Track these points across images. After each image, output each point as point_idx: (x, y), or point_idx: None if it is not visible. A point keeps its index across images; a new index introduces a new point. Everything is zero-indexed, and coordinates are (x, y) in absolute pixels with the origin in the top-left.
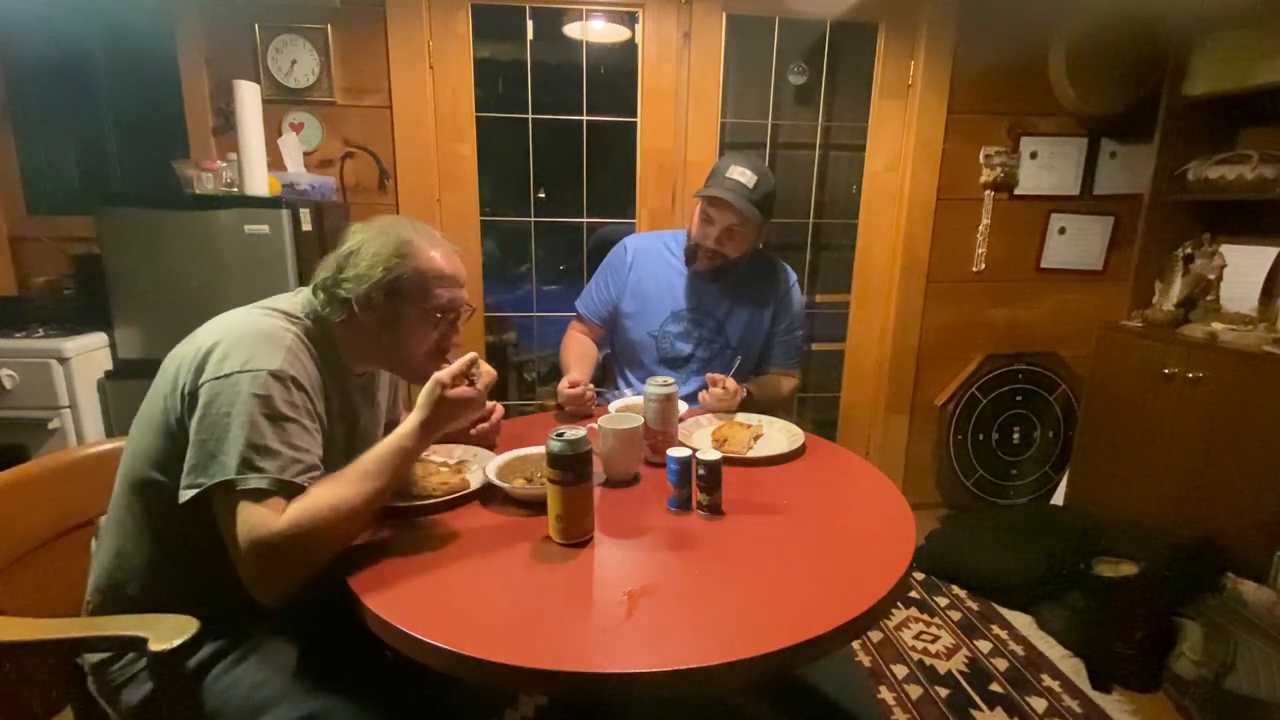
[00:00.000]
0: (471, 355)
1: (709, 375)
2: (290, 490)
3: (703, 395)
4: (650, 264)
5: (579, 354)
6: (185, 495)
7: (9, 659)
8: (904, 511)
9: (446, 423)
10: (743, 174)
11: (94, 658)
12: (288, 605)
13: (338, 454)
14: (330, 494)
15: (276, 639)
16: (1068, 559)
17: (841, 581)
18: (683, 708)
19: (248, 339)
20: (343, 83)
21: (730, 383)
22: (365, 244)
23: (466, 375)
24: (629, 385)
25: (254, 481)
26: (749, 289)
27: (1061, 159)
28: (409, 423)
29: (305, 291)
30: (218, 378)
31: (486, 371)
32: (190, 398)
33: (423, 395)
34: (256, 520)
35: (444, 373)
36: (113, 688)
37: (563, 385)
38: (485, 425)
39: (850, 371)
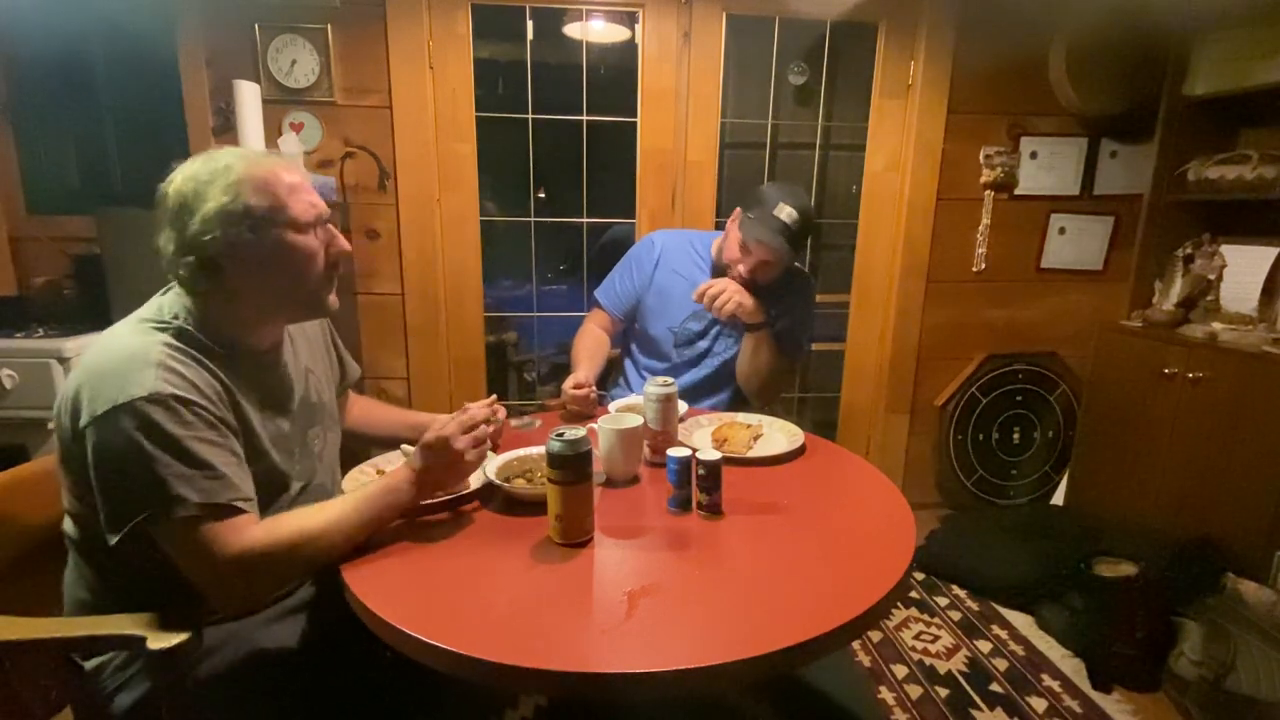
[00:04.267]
0: (482, 411)
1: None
2: (219, 511)
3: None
4: (678, 261)
5: (589, 353)
6: (112, 539)
7: (9, 659)
8: (904, 511)
9: (443, 473)
10: (791, 216)
11: (86, 664)
12: (285, 604)
13: (279, 438)
14: (306, 521)
15: (274, 638)
16: (1068, 559)
17: (841, 581)
18: (683, 708)
19: (112, 369)
20: (343, 83)
21: (716, 284)
22: (192, 191)
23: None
24: (638, 372)
25: (180, 510)
26: (769, 294)
27: (1061, 159)
28: (403, 471)
29: (173, 290)
30: (95, 419)
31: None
32: (77, 443)
33: (421, 443)
34: (200, 545)
35: (449, 421)
36: (105, 695)
37: (568, 384)
38: (488, 428)
39: (850, 371)
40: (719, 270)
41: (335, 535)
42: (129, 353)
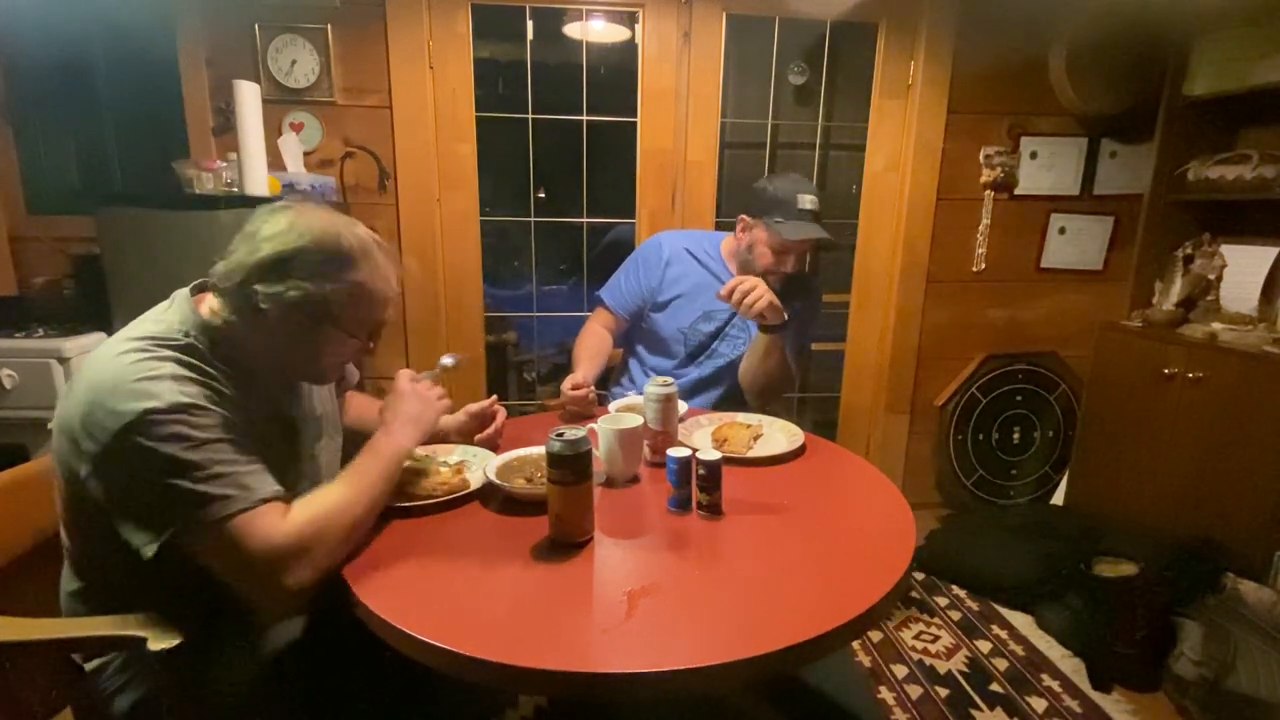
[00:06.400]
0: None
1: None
2: (257, 506)
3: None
4: (688, 263)
5: (591, 353)
6: (149, 551)
7: (9, 659)
8: (904, 511)
9: (408, 409)
10: (813, 202)
11: (87, 665)
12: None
13: (281, 455)
14: (327, 496)
15: (274, 639)
16: (1068, 559)
17: (841, 581)
18: (683, 708)
19: (125, 386)
20: (343, 83)
21: (747, 281)
22: (295, 255)
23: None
24: (644, 371)
25: (221, 510)
26: (783, 293)
27: (1061, 159)
28: (383, 429)
29: (181, 297)
30: (116, 436)
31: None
32: (90, 462)
33: (392, 396)
34: (241, 541)
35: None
36: (105, 696)
37: (566, 384)
38: (489, 431)
39: (850, 371)
40: (744, 273)
41: (358, 497)
42: (140, 369)
